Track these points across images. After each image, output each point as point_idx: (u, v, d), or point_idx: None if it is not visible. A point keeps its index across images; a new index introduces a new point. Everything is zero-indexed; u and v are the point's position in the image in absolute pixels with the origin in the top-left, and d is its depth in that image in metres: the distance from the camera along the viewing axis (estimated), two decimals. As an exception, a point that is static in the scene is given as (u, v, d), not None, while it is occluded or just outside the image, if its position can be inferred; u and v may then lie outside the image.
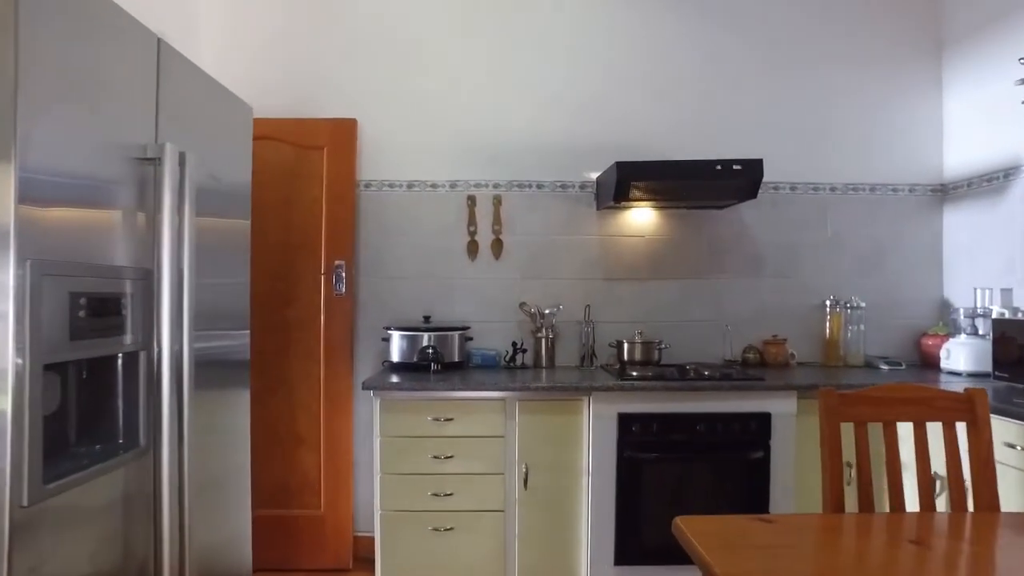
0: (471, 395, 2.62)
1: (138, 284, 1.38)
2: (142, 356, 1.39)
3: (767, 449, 2.59)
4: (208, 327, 1.73)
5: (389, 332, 2.98)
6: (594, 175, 3.25)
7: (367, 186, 3.22)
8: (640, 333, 3.08)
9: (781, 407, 2.61)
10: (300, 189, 3.08)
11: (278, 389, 3.05)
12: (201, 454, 1.67)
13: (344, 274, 3.07)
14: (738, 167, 2.73)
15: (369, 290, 3.21)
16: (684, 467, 2.61)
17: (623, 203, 3.00)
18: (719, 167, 2.73)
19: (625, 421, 2.58)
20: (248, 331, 2.02)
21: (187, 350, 1.46)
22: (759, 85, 3.28)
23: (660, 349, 3.06)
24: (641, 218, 3.26)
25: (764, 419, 2.60)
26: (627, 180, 2.76)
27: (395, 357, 2.95)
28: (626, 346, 3.06)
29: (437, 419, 2.61)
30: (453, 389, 2.60)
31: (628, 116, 3.26)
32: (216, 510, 1.78)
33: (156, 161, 1.38)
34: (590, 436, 2.59)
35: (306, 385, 3.06)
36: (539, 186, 3.25)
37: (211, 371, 1.76)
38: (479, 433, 2.61)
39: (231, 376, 1.90)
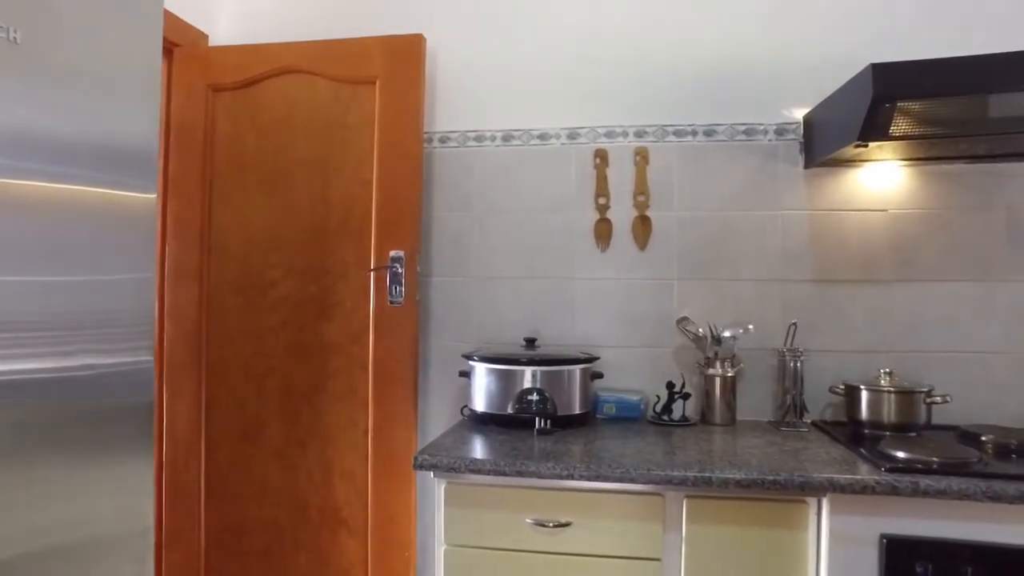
0: (603, 486, 1.49)
1: None
2: None
3: None
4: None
5: (470, 363, 1.90)
6: (799, 112, 2.01)
7: (442, 140, 2.16)
8: (889, 373, 1.80)
9: None
10: (341, 145, 2.07)
11: (309, 444, 2.06)
12: None
13: (404, 272, 2.02)
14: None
15: (442, 297, 2.15)
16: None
17: (872, 145, 1.69)
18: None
19: (897, 551, 1.38)
20: (151, 357, 1.06)
21: None
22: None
23: (930, 403, 1.77)
24: (881, 180, 1.98)
25: None
26: (893, 98, 1.49)
27: (479, 404, 1.87)
28: (864, 395, 1.79)
29: (542, 523, 1.51)
30: (570, 475, 1.48)
31: (853, 12, 1.98)
32: None
33: None
34: (822, 573, 1.39)
35: (348, 439, 2.04)
36: (708, 132, 2.05)
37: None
38: (616, 551, 1.50)
39: (91, 429, 0.96)
